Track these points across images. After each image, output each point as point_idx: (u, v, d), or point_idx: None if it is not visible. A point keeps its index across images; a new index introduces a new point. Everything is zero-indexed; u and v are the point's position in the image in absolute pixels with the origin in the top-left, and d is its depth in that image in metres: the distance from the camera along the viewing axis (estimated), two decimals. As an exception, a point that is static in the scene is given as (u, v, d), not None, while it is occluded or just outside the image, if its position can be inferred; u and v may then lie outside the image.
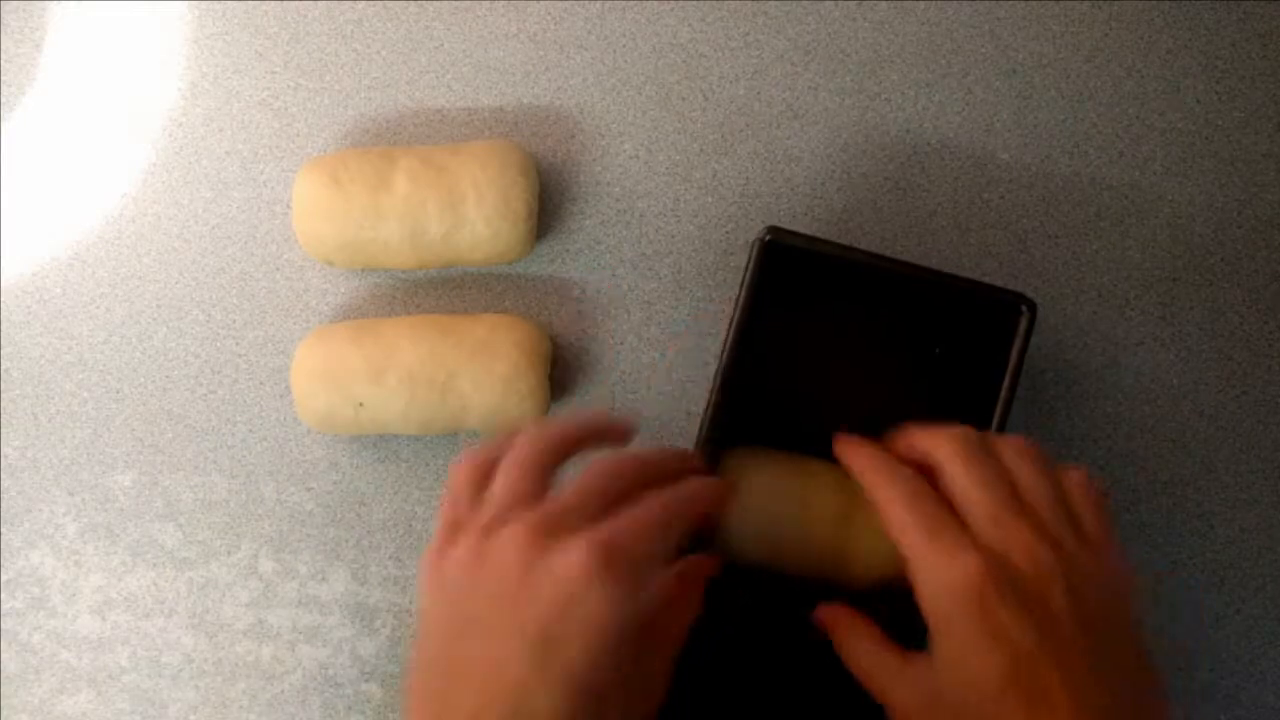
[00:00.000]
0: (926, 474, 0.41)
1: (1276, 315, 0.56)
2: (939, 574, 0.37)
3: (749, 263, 0.48)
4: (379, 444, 0.55)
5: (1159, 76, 0.56)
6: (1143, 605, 0.39)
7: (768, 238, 0.48)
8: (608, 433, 0.42)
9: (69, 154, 0.57)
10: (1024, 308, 0.48)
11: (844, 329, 0.51)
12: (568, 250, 0.56)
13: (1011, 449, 0.40)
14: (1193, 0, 0.56)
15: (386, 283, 0.56)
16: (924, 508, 0.39)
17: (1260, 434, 0.55)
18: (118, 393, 0.56)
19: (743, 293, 0.48)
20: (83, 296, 0.56)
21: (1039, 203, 0.56)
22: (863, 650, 0.41)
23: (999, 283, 0.49)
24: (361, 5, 0.57)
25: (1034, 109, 0.56)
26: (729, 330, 0.48)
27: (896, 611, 0.49)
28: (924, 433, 0.41)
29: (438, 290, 0.56)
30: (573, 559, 0.35)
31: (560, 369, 0.55)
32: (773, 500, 0.47)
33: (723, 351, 0.48)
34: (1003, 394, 0.48)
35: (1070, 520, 0.39)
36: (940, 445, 0.40)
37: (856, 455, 0.43)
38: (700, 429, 0.48)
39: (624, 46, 0.57)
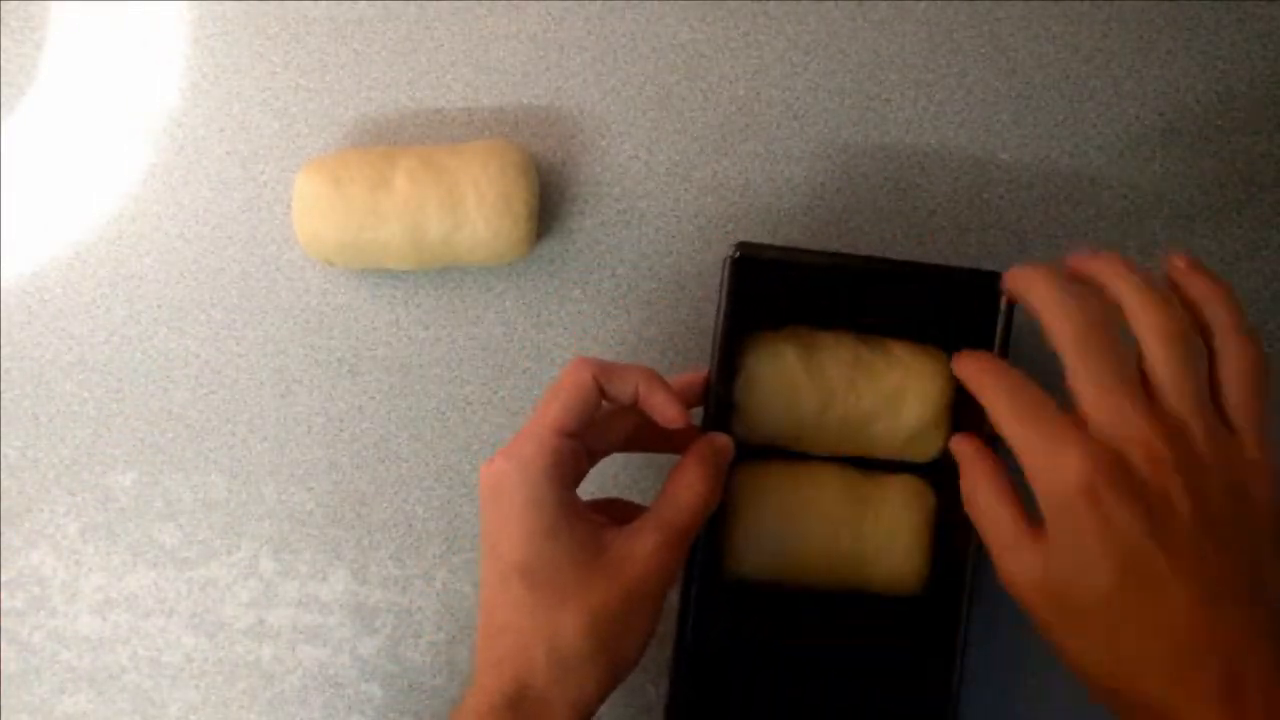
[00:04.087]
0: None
1: (1276, 315, 0.56)
2: (1049, 471, 0.36)
3: (723, 281, 0.47)
4: (379, 443, 0.55)
5: (1159, 76, 0.56)
6: (1276, 487, 0.37)
7: (738, 254, 0.47)
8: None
9: (69, 154, 0.57)
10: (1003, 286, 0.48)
11: (830, 331, 0.51)
12: (568, 250, 0.56)
13: (1152, 328, 0.37)
14: (1193, 0, 0.56)
15: (386, 282, 0.56)
16: (1028, 403, 0.38)
17: (1260, 434, 0.55)
18: (118, 392, 0.56)
19: (721, 310, 0.47)
20: (83, 296, 0.56)
21: (1039, 203, 0.56)
22: (985, 502, 0.39)
23: None
24: (361, 5, 0.57)
25: (1034, 109, 0.56)
26: (713, 348, 0.47)
27: (921, 611, 0.49)
28: (1045, 294, 0.39)
29: (438, 290, 0.56)
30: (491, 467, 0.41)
31: (561, 369, 0.55)
32: (782, 512, 0.47)
33: (710, 371, 0.47)
34: None
35: (1208, 406, 0.37)
36: (1056, 317, 0.38)
37: (964, 363, 0.43)
38: None
39: (624, 46, 0.57)
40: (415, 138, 0.56)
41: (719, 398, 0.47)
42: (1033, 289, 0.40)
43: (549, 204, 0.56)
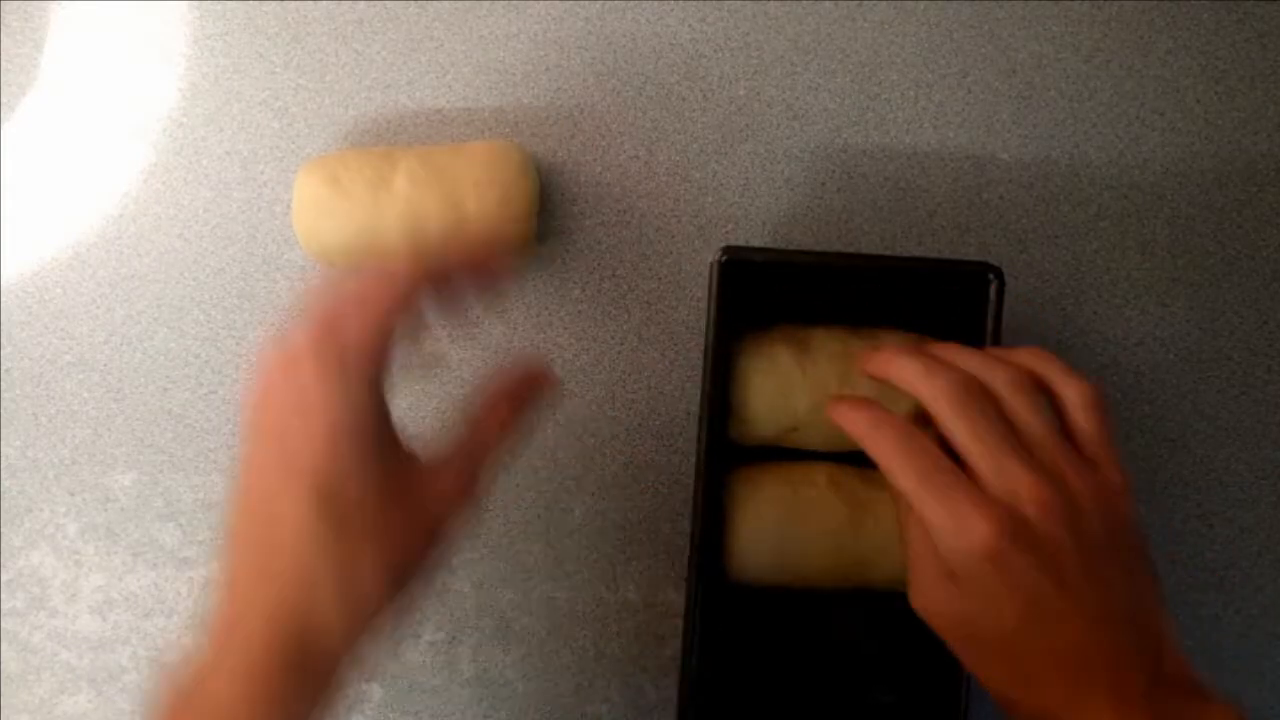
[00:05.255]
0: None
1: (1276, 315, 0.56)
2: (957, 538, 0.38)
3: (711, 285, 0.48)
4: (379, 444, 0.55)
5: (1159, 76, 0.56)
6: (1135, 504, 0.41)
7: (724, 258, 0.47)
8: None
9: (69, 154, 0.57)
10: (991, 275, 0.48)
11: (821, 326, 0.51)
12: (568, 250, 0.56)
13: (1003, 383, 0.41)
14: (1193, 0, 0.57)
15: (387, 283, 0.56)
16: (928, 470, 0.39)
17: (1260, 434, 0.55)
18: (118, 392, 0.56)
19: (711, 314, 0.48)
20: (83, 296, 0.56)
21: (1039, 203, 0.56)
22: (919, 541, 0.41)
23: None
24: (362, 6, 0.57)
25: (1034, 109, 0.56)
26: (705, 351, 0.48)
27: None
28: (911, 370, 0.42)
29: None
30: (285, 345, 0.37)
31: (560, 369, 0.55)
32: (781, 515, 0.47)
33: (704, 375, 0.48)
34: None
35: (1068, 446, 0.40)
36: (929, 389, 0.41)
37: (854, 420, 0.43)
38: (696, 458, 0.48)
39: (624, 46, 0.57)
40: (415, 138, 0.56)
41: (713, 401, 0.47)
42: (894, 366, 0.43)
43: (549, 204, 0.56)
